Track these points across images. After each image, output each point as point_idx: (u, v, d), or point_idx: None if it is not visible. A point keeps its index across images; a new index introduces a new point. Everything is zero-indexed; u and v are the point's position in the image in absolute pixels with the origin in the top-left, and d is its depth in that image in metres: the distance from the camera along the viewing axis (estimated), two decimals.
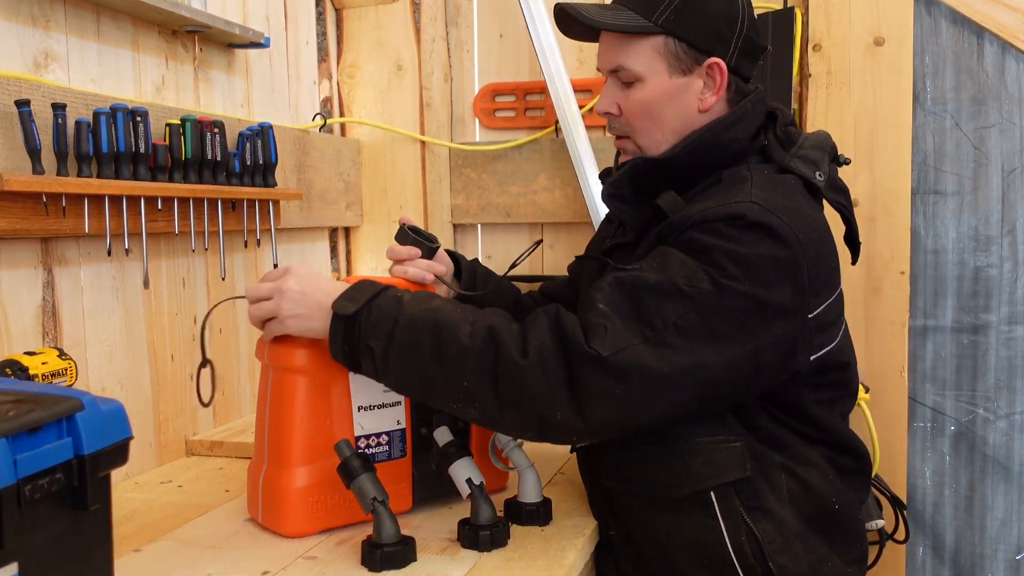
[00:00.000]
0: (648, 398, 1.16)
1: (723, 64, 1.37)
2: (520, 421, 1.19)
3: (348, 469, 1.25)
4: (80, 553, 0.96)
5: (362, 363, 1.24)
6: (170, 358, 1.78)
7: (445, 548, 1.29)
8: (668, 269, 1.21)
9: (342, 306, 1.23)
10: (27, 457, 0.88)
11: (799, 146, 1.40)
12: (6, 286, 1.43)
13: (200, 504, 1.50)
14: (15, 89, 1.39)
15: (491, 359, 1.16)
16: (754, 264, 1.20)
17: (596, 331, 1.16)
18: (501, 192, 2.44)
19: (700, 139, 1.36)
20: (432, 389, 1.21)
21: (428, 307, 1.23)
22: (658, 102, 1.38)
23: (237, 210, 1.84)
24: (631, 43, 1.37)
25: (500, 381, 1.16)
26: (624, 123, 1.41)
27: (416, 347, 1.19)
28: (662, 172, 1.38)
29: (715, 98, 1.39)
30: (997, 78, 2.06)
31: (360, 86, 2.53)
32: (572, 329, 1.17)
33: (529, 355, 1.16)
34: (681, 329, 1.17)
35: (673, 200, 1.35)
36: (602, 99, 1.42)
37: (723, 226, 1.22)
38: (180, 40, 1.85)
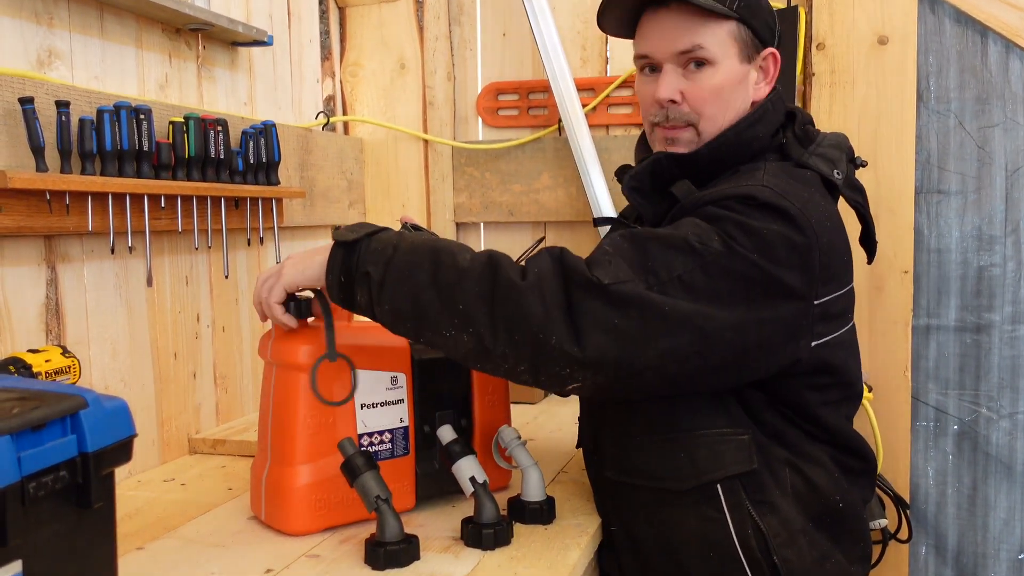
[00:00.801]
0: (646, 334, 1.14)
1: (778, 55, 1.40)
2: (514, 348, 1.15)
3: (351, 467, 1.24)
4: (84, 551, 0.96)
5: (357, 293, 1.22)
6: (173, 356, 1.78)
7: (448, 547, 1.29)
8: (680, 227, 1.22)
9: (343, 235, 1.24)
10: (31, 455, 0.87)
11: (817, 144, 1.41)
12: (10, 284, 1.43)
13: (203, 502, 1.50)
14: (19, 86, 1.39)
15: (489, 281, 1.15)
16: (765, 239, 1.20)
17: (600, 264, 1.16)
18: (504, 191, 2.44)
19: (724, 137, 1.37)
20: (426, 315, 1.18)
21: (429, 238, 1.24)
22: (728, 87, 1.37)
23: (240, 208, 1.84)
24: (707, 25, 1.35)
25: (496, 303, 1.14)
26: (686, 111, 1.38)
27: (414, 271, 1.18)
28: (684, 168, 1.38)
29: (767, 89, 1.40)
30: (1001, 77, 2.06)
31: (363, 84, 2.53)
32: (575, 261, 1.17)
33: (528, 278, 1.15)
34: (685, 283, 1.17)
35: (688, 188, 1.36)
36: (663, 86, 1.37)
37: (735, 203, 1.23)
38: (183, 38, 1.85)
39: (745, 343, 1.20)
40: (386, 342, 1.39)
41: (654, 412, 1.31)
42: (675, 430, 1.29)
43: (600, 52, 2.37)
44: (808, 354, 1.28)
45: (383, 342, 1.39)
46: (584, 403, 1.51)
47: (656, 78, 1.40)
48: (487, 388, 1.49)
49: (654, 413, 1.31)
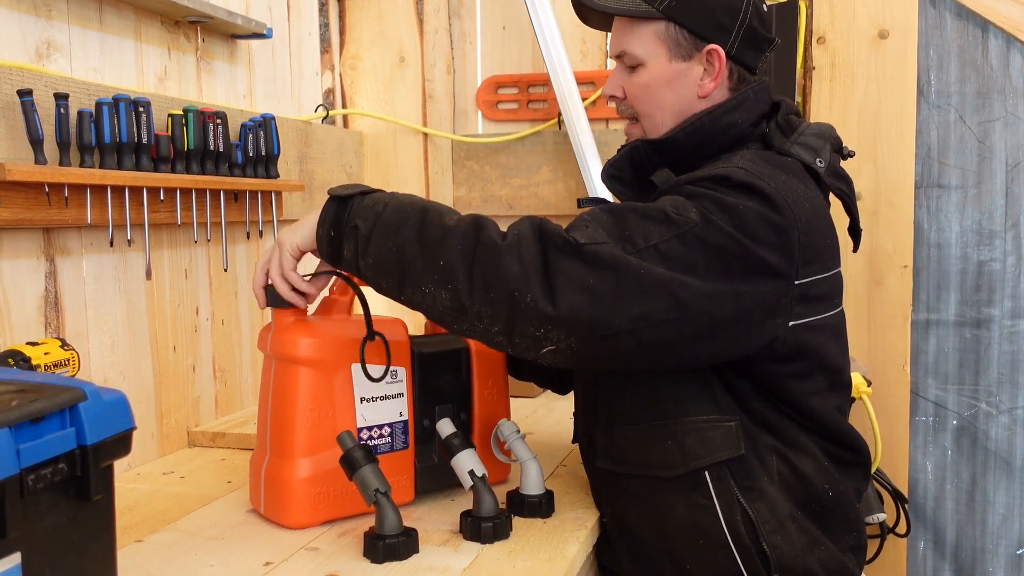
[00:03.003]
0: (620, 295, 1.16)
1: (721, 51, 1.38)
2: (490, 305, 1.17)
3: (350, 460, 1.24)
4: (82, 543, 0.96)
5: (344, 247, 1.27)
6: (172, 349, 1.78)
7: (447, 540, 1.29)
8: (658, 202, 1.25)
9: (338, 190, 1.29)
10: (30, 447, 0.87)
11: (800, 133, 1.41)
12: (8, 276, 1.43)
13: (202, 495, 1.50)
14: (17, 79, 1.39)
15: (472, 240, 1.19)
16: (742, 215, 1.21)
17: (577, 227, 1.20)
18: (504, 184, 2.44)
19: (699, 122, 1.38)
20: (408, 269, 1.21)
21: (420, 198, 1.28)
22: (657, 86, 1.41)
23: (239, 201, 1.84)
24: (635, 28, 1.40)
25: (476, 261, 1.18)
26: (629, 106, 1.45)
27: (401, 226, 1.22)
28: (662, 154, 1.40)
29: (713, 84, 1.40)
30: (1002, 71, 2.06)
31: (363, 77, 2.52)
32: (554, 226, 1.20)
33: (507, 238, 1.19)
34: (662, 252, 1.18)
35: (668, 176, 1.38)
36: (608, 82, 1.46)
37: (710, 183, 1.25)
38: (182, 30, 1.85)
39: (721, 315, 1.21)
40: (386, 336, 1.39)
41: (642, 399, 1.33)
42: (663, 417, 1.31)
43: (600, 45, 2.37)
44: (785, 332, 1.27)
45: (384, 336, 1.39)
46: (579, 396, 1.51)
47: None
48: (486, 382, 1.49)
49: (642, 400, 1.33)
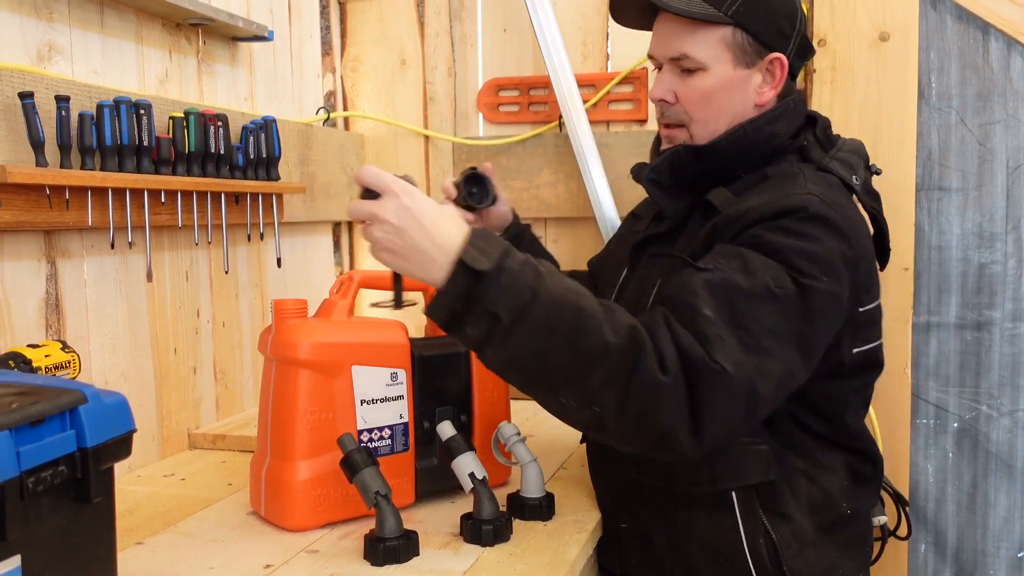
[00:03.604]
0: (751, 417, 1.14)
1: (785, 60, 1.38)
2: (635, 433, 1.11)
3: (351, 463, 1.24)
4: (83, 546, 0.96)
5: (470, 327, 1.07)
6: (173, 351, 1.78)
7: (448, 543, 1.29)
8: (755, 273, 1.17)
9: (474, 258, 1.05)
10: (30, 449, 0.87)
11: (838, 148, 1.41)
12: (9, 278, 1.43)
13: (203, 497, 1.50)
14: (18, 81, 1.39)
15: (630, 366, 1.06)
16: (827, 260, 1.20)
17: (714, 342, 1.10)
18: (505, 187, 2.43)
19: (742, 131, 1.37)
20: (549, 376, 1.08)
21: (567, 286, 1.09)
22: (719, 93, 1.38)
23: (240, 203, 1.84)
24: (698, 31, 1.36)
25: (631, 394, 1.06)
26: (680, 111, 1.41)
27: (552, 330, 1.05)
28: (703, 161, 1.39)
29: (772, 93, 1.40)
30: (1002, 74, 2.06)
31: (363, 80, 2.52)
32: (690, 341, 1.10)
33: (668, 371, 1.07)
34: (774, 333, 1.15)
35: (725, 196, 1.34)
36: (658, 86, 1.41)
37: (788, 221, 1.22)
38: (184, 33, 1.85)
39: (811, 370, 1.22)
40: (385, 338, 1.39)
41: None
42: None
43: (601, 48, 2.37)
44: (850, 359, 1.31)
45: (382, 339, 1.39)
46: None
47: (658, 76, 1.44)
48: (487, 384, 1.49)
49: None
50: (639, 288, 1.43)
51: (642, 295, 1.40)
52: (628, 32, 1.48)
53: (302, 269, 2.29)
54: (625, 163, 2.29)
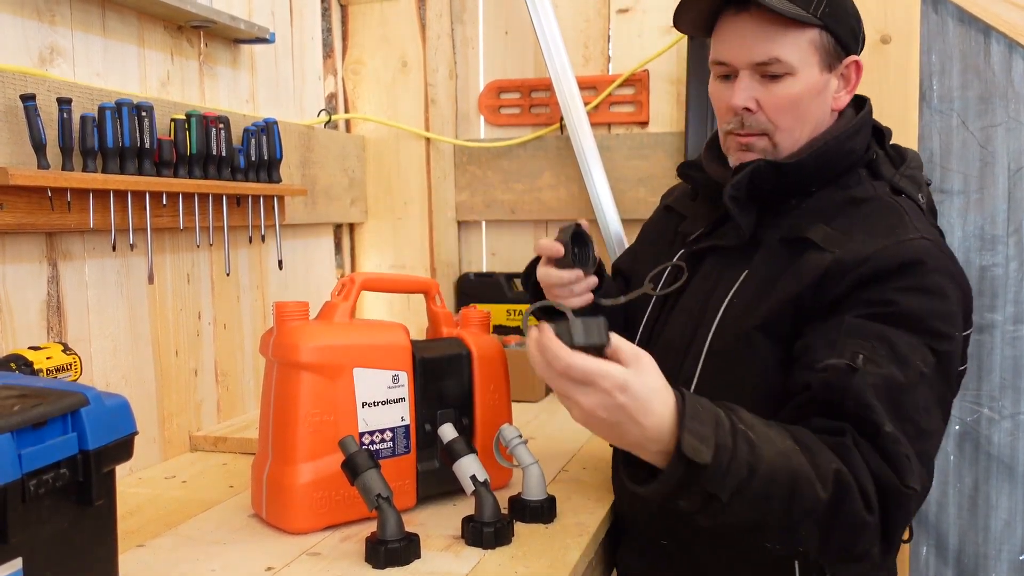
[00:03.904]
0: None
1: (860, 63, 1.34)
2: (832, 557, 1.17)
3: (352, 465, 1.24)
4: (84, 548, 0.96)
5: (682, 502, 1.04)
6: (174, 353, 1.78)
7: (449, 545, 1.29)
8: (905, 360, 1.16)
9: (695, 449, 0.98)
10: (32, 452, 0.88)
11: (907, 164, 1.37)
12: (11, 281, 1.43)
13: (204, 500, 1.50)
14: (20, 83, 1.39)
15: (838, 510, 1.07)
16: (954, 315, 1.21)
17: (903, 464, 1.10)
18: (506, 189, 2.44)
19: (825, 146, 1.32)
20: (760, 534, 1.09)
21: (777, 448, 1.06)
22: (806, 99, 1.31)
23: (242, 206, 1.84)
24: (788, 33, 1.28)
25: (837, 531, 1.08)
26: (762, 120, 1.33)
27: (769, 498, 1.04)
28: (783, 177, 1.33)
29: (847, 98, 1.36)
30: (1004, 76, 2.06)
31: (365, 82, 2.52)
32: (883, 470, 1.10)
33: (873, 510, 1.09)
34: (928, 411, 1.17)
35: (825, 233, 1.28)
36: (739, 93, 1.32)
37: (914, 279, 1.19)
38: (185, 35, 1.85)
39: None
40: (387, 341, 1.39)
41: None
42: None
43: (602, 50, 2.37)
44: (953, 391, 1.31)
45: (384, 341, 1.39)
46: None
47: (731, 84, 1.34)
48: (488, 387, 1.49)
49: None
50: (702, 300, 1.37)
51: (706, 308, 1.35)
52: (629, 35, 1.47)
53: (303, 271, 2.29)
54: (626, 165, 2.31)
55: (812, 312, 1.24)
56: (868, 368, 1.14)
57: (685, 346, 1.36)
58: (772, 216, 1.35)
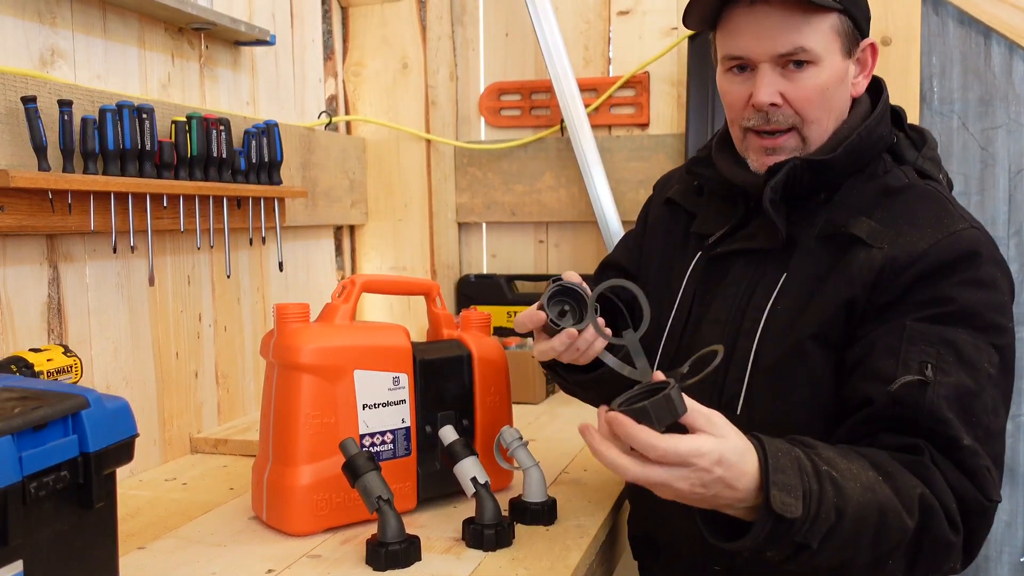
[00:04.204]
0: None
1: (876, 46, 1.30)
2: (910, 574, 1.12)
3: (353, 467, 1.24)
4: (85, 550, 0.96)
5: (770, 552, 1.02)
6: (175, 355, 1.78)
7: (450, 547, 1.29)
8: (973, 364, 1.13)
9: (785, 505, 0.97)
10: (32, 454, 0.87)
11: (928, 147, 1.33)
12: (12, 283, 1.43)
13: (204, 502, 1.49)
14: (21, 86, 1.39)
15: (922, 537, 1.06)
16: (1008, 305, 1.19)
17: (983, 477, 1.09)
18: (506, 191, 2.44)
19: (857, 138, 1.26)
20: (846, 567, 1.07)
21: (862, 482, 1.03)
22: (832, 87, 1.25)
23: (242, 208, 1.84)
24: (811, 20, 1.21)
25: (923, 555, 1.08)
26: (789, 114, 1.25)
27: (858, 537, 1.03)
28: (818, 175, 1.26)
29: (866, 83, 1.30)
30: (1004, 78, 2.06)
31: (365, 84, 2.53)
32: (964, 486, 1.09)
33: (958, 530, 1.08)
34: (996, 411, 1.15)
35: (870, 227, 1.22)
36: (763, 88, 1.23)
37: (971, 271, 1.16)
38: (186, 37, 1.85)
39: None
40: (387, 342, 1.39)
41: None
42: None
43: (603, 52, 2.37)
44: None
45: (385, 342, 1.39)
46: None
47: (748, 78, 1.26)
48: (489, 389, 1.49)
49: None
50: (737, 308, 1.29)
51: (743, 317, 1.28)
52: (630, 37, 1.46)
53: (304, 273, 2.29)
54: (627, 167, 2.31)
55: (866, 314, 1.20)
56: (939, 379, 1.11)
57: (723, 361, 1.23)
58: (801, 212, 1.29)
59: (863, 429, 1.14)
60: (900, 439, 1.11)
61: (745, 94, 1.26)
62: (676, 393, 0.97)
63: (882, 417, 1.13)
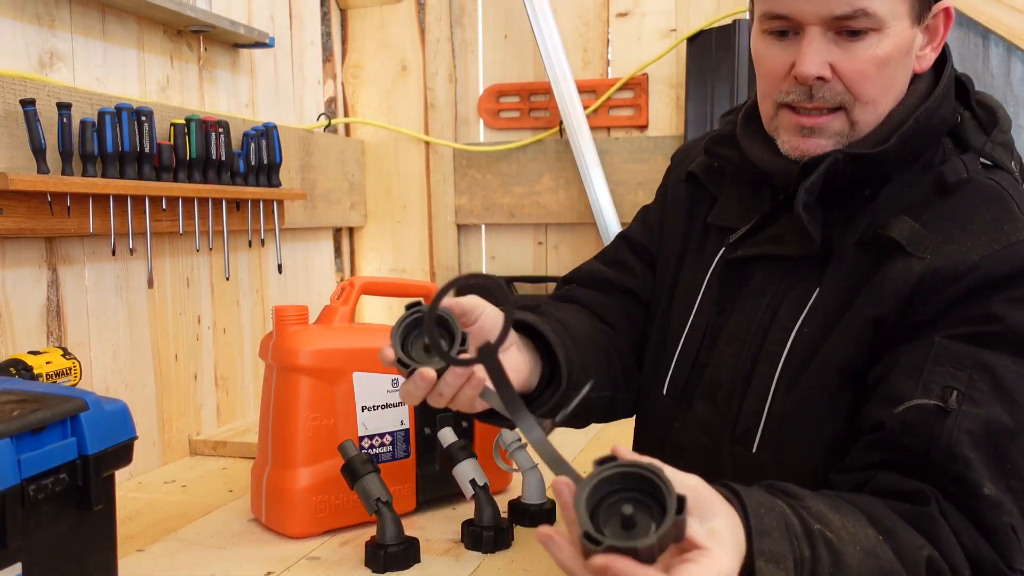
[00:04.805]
0: None
1: (951, 10, 1.05)
2: None
3: (352, 469, 1.24)
4: (84, 553, 0.96)
5: None
6: (174, 358, 1.78)
7: (449, 549, 1.29)
8: (1013, 396, 0.92)
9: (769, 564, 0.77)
10: (31, 457, 0.88)
11: (1000, 129, 1.08)
12: (11, 285, 1.43)
13: (204, 504, 1.50)
14: (20, 88, 1.39)
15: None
16: None
17: (1005, 538, 0.88)
18: (505, 193, 2.44)
19: (916, 125, 1.02)
20: None
21: (863, 546, 0.84)
22: (895, 60, 1.00)
23: (241, 210, 1.84)
24: None
25: None
26: (839, 90, 1.01)
27: None
28: (863, 170, 1.03)
29: (934, 56, 1.06)
30: (1003, 80, 2.06)
31: (364, 86, 2.53)
32: (981, 549, 0.88)
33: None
34: None
35: (910, 229, 1.00)
36: (809, 57, 0.99)
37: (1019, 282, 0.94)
38: (185, 39, 1.85)
39: None
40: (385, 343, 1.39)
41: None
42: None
43: (601, 54, 2.37)
44: None
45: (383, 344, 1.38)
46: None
47: (791, 44, 1.02)
48: None
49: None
50: (758, 326, 1.08)
51: (765, 339, 1.06)
52: (629, 38, 1.43)
53: (303, 275, 2.29)
54: (625, 169, 2.31)
55: (896, 337, 0.98)
56: (965, 408, 0.90)
57: (739, 388, 1.07)
58: (840, 212, 1.05)
59: (865, 459, 0.95)
60: (902, 482, 0.91)
61: (786, 63, 1.02)
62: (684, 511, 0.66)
63: (887, 446, 0.93)
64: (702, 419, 1.10)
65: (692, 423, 1.12)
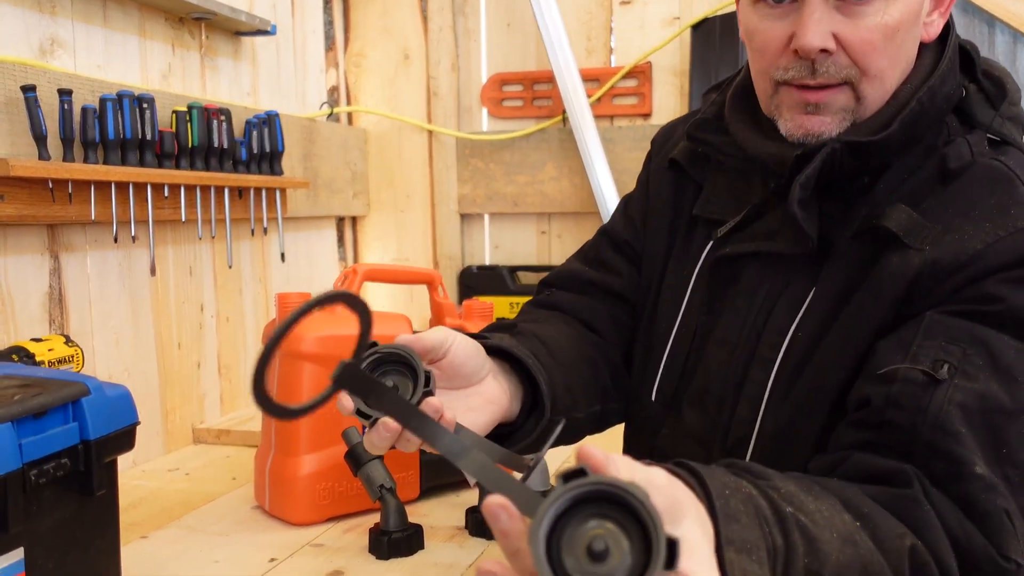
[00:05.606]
0: None
1: None
2: None
3: (356, 456, 1.24)
4: (86, 538, 0.96)
5: None
6: (177, 346, 1.78)
7: (453, 536, 1.29)
8: (1010, 373, 0.85)
9: (750, 572, 0.69)
10: (33, 442, 0.87)
11: (1010, 101, 0.99)
12: (12, 273, 1.43)
13: (207, 492, 1.49)
14: (21, 75, 1.39)
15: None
16: None
17: (998, 523, 0.80)
18: (508, 181, 2.43)
19: (919, 107, 0.93)
20: None
21: (842, 533, 0.75)
22: (904, 29, 0.92)
23: (244, 198, 1.84)
24: None
25: None
26: (844, 64, 0.92)
27: None
28: (862, 159, 0.95)
29: (941, 23, 0.98)
30: (1009, 67, 2.05)
31: (367, 75, 2.52)
32: (969, 536, 0.80)
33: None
34: None
35: (907, 218, 0.92)
36: (812, 28, 0.90)
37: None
38: (187, 27, 1.84)
39: None
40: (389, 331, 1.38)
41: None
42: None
43: (605, 42, 2.36)
44: None
45: (386, 331, 1.37)
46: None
47: (788, 12, 0.93)
48: None
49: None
50: (751, 328, 1.00)
51: (758, 342, 0.99)
52: (632, 26, 1.43)
53: (306, 263, 2.28)
54: (629, 157, 2.30)
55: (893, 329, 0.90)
56: (957, 381, 0.83)
57: (731, 395, 1.00)
58: (837, 203, 0.97)
59: (840, 440, 0.87)
60: (879, 462, 0.82)
61: (783, 35, 0.93)
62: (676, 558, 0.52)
63: (870, 425, 0.85)
64: (692, 427, 1.04)
65: (681, 431, 1.05)
